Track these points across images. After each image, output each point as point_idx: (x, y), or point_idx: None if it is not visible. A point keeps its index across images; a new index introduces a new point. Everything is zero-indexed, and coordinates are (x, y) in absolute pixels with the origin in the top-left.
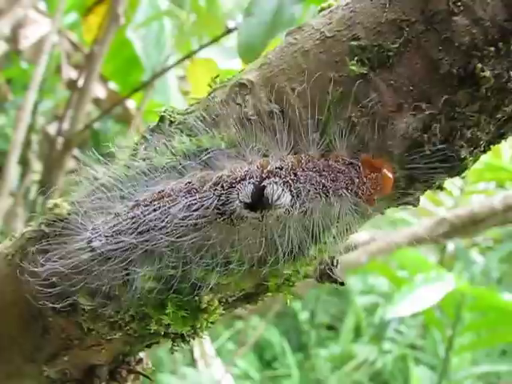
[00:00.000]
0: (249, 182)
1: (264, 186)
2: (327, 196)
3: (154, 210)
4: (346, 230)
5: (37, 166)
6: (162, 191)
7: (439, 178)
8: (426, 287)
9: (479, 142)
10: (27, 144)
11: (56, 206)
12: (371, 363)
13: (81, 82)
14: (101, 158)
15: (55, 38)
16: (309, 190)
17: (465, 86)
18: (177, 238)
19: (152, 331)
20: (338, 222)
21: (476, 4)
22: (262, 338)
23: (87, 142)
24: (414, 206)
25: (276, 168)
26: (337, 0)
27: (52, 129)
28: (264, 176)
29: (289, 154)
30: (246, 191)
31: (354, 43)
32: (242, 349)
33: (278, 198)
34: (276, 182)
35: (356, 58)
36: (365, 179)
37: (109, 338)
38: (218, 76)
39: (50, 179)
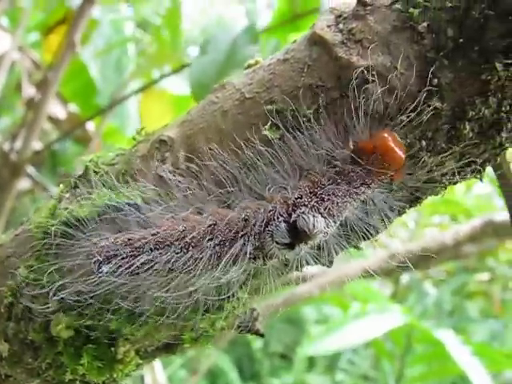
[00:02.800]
0: (279, 221)
1: (294, 221)
2: (354, 199)
3: (179, 253)
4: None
5: None
6: (185, 230)
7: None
8: (355, 324)
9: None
10: None
11: None
12: None
13: (36, 105)
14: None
15: (15, 55)
16: (337, 203)
17: None
18: (201, 282)
19: (67, 380)
20: (379, 212)
21: (390, 74)
22: (215, 365)
23: (45, 163)
24: (328, 267)
25: (296, 198)
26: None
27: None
28: (290, 211)
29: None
30: (280, 231)
31: (271, 107)
32: (194, 377)
33: (314, 226)
34: (303, 212)
35: (271, 122)
36: (373, 163)
37: None
38: (143, 129)
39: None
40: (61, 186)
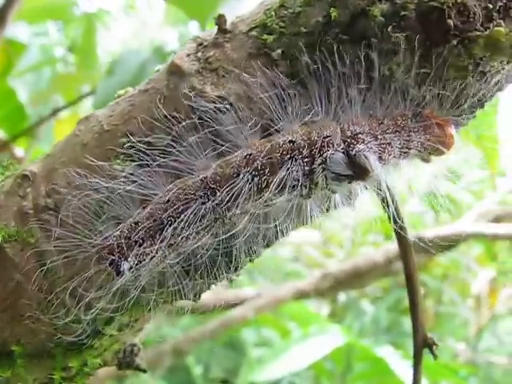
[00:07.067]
0: (336, 150)
1: (354, 155)
2: (405, 156)
3: (206, 202)
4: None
5: None
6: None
7: None
8: (298, 347)
9: None
10: None
11: None
12: None
13: None
14: None
15: None
16: (390, 154)
17: None
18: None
19: None
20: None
21: (242, 103)
22: None
23: None
24: (195, 301)
25: (358, 133)
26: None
27: None
28: (349, 142)
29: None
30: (337, 161)
31: (125, 140)
32: None
33: (375, 167)
34: (365, 150)
35: (122, 156)
36: (432, 136)
37: None
38: (11, 164)
39: None
40: None
